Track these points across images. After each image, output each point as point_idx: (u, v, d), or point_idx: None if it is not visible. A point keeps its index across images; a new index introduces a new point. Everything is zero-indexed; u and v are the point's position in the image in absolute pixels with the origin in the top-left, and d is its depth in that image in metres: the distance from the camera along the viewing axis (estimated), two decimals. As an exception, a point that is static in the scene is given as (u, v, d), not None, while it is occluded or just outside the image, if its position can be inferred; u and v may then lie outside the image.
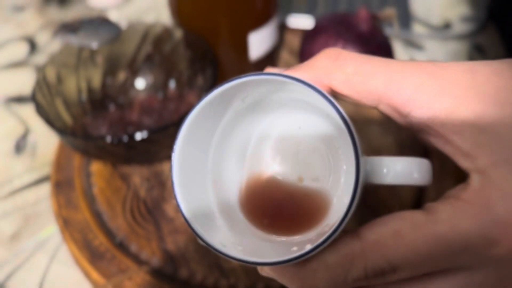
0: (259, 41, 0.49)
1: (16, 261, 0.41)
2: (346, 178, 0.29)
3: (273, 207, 0.30)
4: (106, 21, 0.49)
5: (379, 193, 0.41)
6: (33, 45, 0.64)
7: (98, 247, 0.39)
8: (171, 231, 0.40)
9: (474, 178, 0.23)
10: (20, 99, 0.56)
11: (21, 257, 0.41)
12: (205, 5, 0.46)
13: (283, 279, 0.25)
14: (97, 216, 0.42)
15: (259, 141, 0.31)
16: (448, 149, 0.25)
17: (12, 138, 0.52)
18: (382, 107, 0.26)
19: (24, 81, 0.58)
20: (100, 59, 0.49)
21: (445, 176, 0.41)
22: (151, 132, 0.38)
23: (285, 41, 0.59)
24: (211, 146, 0.29)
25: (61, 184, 0.44)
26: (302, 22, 0.62)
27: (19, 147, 0.51)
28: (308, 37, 0.49)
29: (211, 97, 0.25)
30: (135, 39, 0.49)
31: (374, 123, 0.48)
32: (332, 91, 0.26)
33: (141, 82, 0.51)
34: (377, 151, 0.45)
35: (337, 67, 0.25)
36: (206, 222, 0.26)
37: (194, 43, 0.47)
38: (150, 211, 0.42)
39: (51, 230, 0.43)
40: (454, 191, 0.24)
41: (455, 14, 0.65)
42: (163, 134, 0.39)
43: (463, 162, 0.24)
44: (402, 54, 0.59)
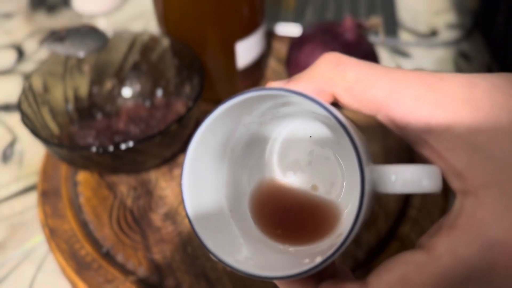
0: (246, 49, 0.49)
1: (2, 271, 0.41)
2: (359, 187, 0.29)
3: (285, 216, 0.30)
4: (93, 29, 0.49)
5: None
6: (20, 53, 0.64)
7: (85, 257, 0.39)
8: (158, 240, 0.40)
9: (466, 202, 0.23)
10: (7, 107, 0.56)
11: (7, 267, 0.41)
12: (192, 14, 0.46)
13: None
14: (84, 225, 0.42)
15: (270, 150, 0.31)
16: (440, 164, 0.25)
17: (-1, 147, 0.52)
18: (380, 116, 0.25)
19: (11, 89, 0.58)
20: (87, 68, 0.49)
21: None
22: (137, 142, 0.38)
23: (272, 49, 0.60)
24: (222, 157, 0.29)
25: (48, 193, 0.44)
26: (290, 30, 0.63)
27: (6, 155, 0.51)
28: (294, 46, 0.49)
29: (217, 112, 0.25)
30: (122, 47, 0.49)
31: (360, 130, 0.48)
32: (335, 99, 0.26)
33: (128, 91, 0.51)
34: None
35: (338, 74, 0.25)
36: (216, 234, 0.26)
37: (181, 51, 0.47)
38: (137, 220, 0.42)
39: (37, 239, 0.43)
40: (447, 219, 0.24)
41: (441, 22, 0.66)
42: (149, 143, 0.39)
43: (454, 182, 0.24)
44: (388, 62, 0.59)
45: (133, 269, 0.38)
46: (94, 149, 0.38)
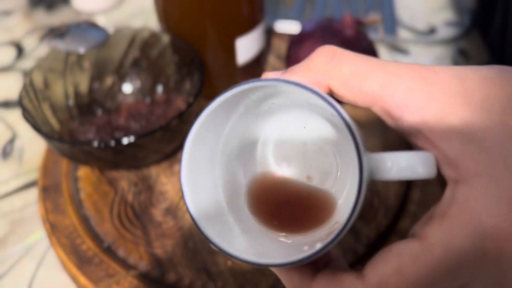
0: (246, 46, 0.49)
1: (3, 267, 0.41)
2: (353, 176, 0.29)
3: (281, 207, 0.30)
4: (93, 26, 0.49)
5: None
6: (20, 50, 0.64)
7: (86, 252, 0.39)
8: (159, 235, 0.40)
9: (458, 190, 0.23)
10: (7, 104, 0.56)
11: (8, 263, 0.41)
12: (192, 10, 0.46)
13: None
14: (85, 221, 0.42)
15: (265, 142, 0.32)
16: (435, 153, 0.25)
17: (-1, 143, 0.52)
18: (375, 109, 0.26)
19: (11, 86, 0.58)
20: (87, 64, 0.49)
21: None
22: (138, 137, 0.38)
23: (272, 46, 0.60)
24: (218, 151, 0.29)
25: (49, 189, 0.44)
26: (289, 27, 0.63)
27: (6, 152, 0.51)
28: (294, 42, 0.49)
29: (213, 106, 0.25)
30: (122, 44, 0.49)
31: (360, 125, 0.48)
32: (330, 91, 0.26)
33: (128, 87, 0.51)
34: None
35: (333, 67, 0.26)
36: (216, 225, 0.26)
37: (181, 48, 0.48)
38: (138, 215, 0.42)
39: (38, 235, 0.43)
40: (439, 208, 0.24)
41: (440, 20, 0.66)
42: (150, 138, 0.39)
43: (446, 171, 0.24)
44: (387, 59, 0.60)
45: (134, 264, 0.39)
46: (95, 144, 0.38)
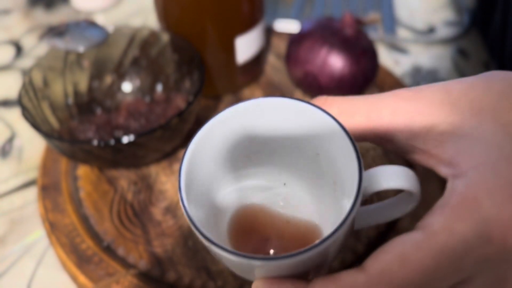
0: (246, 45, 0.49)
1: (3, 266, 0.41)
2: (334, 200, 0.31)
3: (264, 246, 0.32)
4: (92, 24, 0.49)
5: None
6: (19, 49, 0.64)
7: (85, 250, 0.39)
8: (158, 234, 0.40)
9: (457, 183, 0.24)
10: (6, 103, 0.56)
11: (7, 262, 0.41)
12: (192, 9, 0.46)
13: None
14: (84, 220, 0.42)
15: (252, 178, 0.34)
16: (432, 162, 0.26)
17: (-2, 142, 0.51)
18: (369, 138, 0.28)
19: (10, 85, 0.58)
20: (86, 63, 0.49)
21: (428, 179, 0.42)
22: (138, 136, 0.38)
23: (272, 45, 0.60)
24: (213, 167, 0.31)
25: (48, 188, 0.44)
26: (289, 26, 0.63)
27: (5, 151, 0.50)
28: (294, 41, 0.49)
29: (217, 119, 0.29)
30: (122, 42, 0.49)
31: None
32: None
33: (128, 86, 0.51)
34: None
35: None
36: (210, 230, 0.28)
37: (181, 46, 0.48)
38: (137, 214, 0.42)
39: (37, 234, 0.43)
40: (440, 201, 0.24)
41: (439, 19, 0.66)
42: (150, 137, 0.39)
43: (445, 171, 0.25)
44: (386, 58, 0.60)
45: (134, 263, 0.39)
46: (95, 142, 0.38)
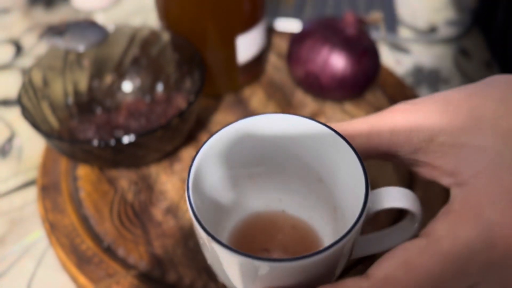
0: (247, 44, 0.49)
1: (2, 266, 0.41)
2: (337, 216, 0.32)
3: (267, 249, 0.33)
4: (92, 24, 0.49)
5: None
6: (18, 48, 0.63)
7: (85, 251, 0.39)
8: (159, 235, 0.40)
9: (459, 191, 0.24)
10: (5, 102, 0.56)
11: (7, 262, 0.41)
12: (192, 8, 0.46)
13: None
14: (84, 220, 0.41)
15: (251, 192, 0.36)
16: (435, 174, 0.26)
17: (-2, 142, 0.51)
18: (372, 156, 0.28)
19: (9, 84, 0.58)
20: (86, 62, 0.49)
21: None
22: (139, 136, 0.38)
23: (273, 44, 0.59)
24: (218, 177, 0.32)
25: (48, 188, 0.44)
26: (290, 25, 0.63)
27: (5, 150, 0.50)
28: (295, 41, 0.49)
29: (227, 130, 0.30)
30: (122, 42, 0.49)
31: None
32: None
33: (128, 85, 0.50)
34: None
35: None
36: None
37: (181, 46, 0.47)
38: (138, 215, 0.41)
39: (37, 234, 0.43)
40: (443, 209, 0.24)
41: (441, 18, 0.66)
42: (150, 137, 0.39)
43: (447, 180, 0.25)
44: (388, 57, 0.59)
45: (134, 264, 0.38)
46: (95, 142, 0.38)
